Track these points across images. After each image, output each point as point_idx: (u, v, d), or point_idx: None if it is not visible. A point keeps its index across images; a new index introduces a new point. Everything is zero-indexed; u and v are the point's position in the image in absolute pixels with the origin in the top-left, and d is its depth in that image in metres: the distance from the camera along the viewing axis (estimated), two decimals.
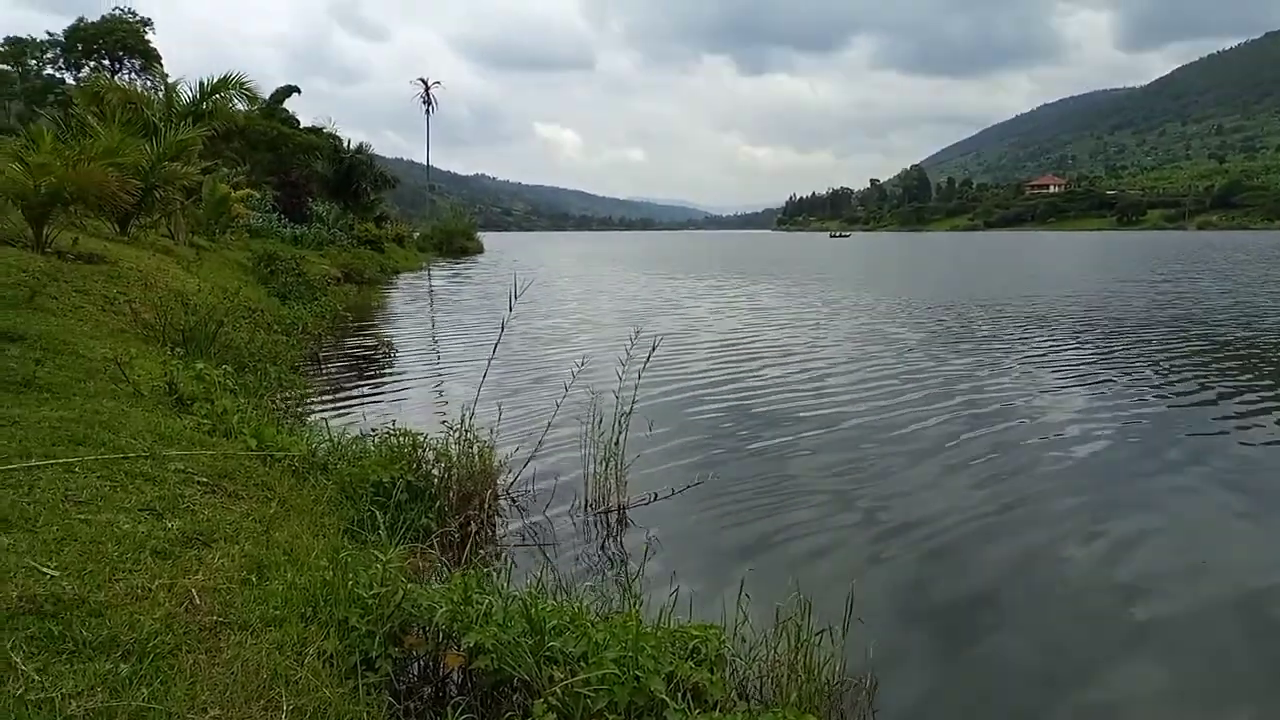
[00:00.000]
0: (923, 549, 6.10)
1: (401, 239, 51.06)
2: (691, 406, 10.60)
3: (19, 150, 12.48)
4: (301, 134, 46.05)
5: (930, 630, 4.98)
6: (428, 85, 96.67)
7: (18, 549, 3.41)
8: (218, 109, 20.41)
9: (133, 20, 50.74)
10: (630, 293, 30.28)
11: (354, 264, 32.71)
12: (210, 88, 20.41)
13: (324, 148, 46.54)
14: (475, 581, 3.91)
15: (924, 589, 5.50)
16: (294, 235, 33.47)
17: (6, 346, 6.97)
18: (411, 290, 31.92)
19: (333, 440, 6.59)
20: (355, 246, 37.70)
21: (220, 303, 11.69)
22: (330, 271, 27.51)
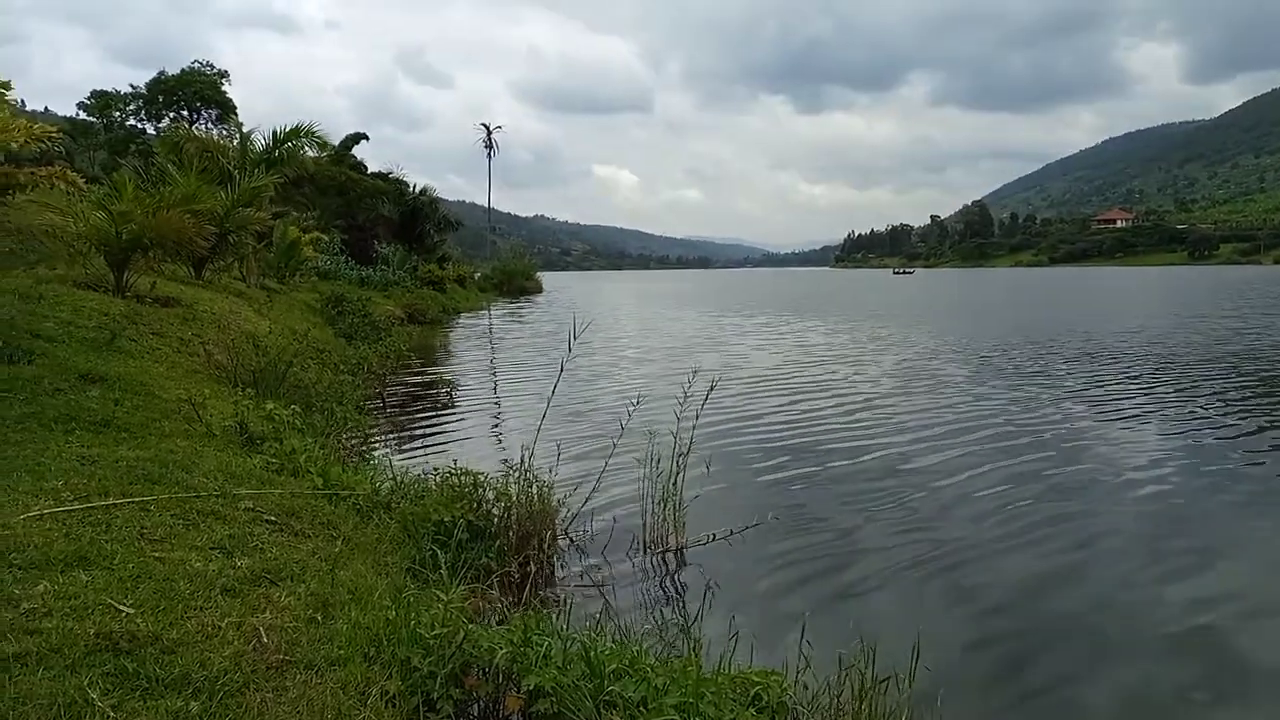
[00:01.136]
0: (990, 593, 5.95)
1: (463, 279, 52.02)
2: (748, 445, 10.53)
3: (103, 199, 13.07)
4: (369, 179, 47.38)
5: (1001, 678, 4.83)
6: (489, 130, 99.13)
7: (95, 586, 3.53)
8: (289, 156, 21.15)
9: (210, 73, 53.07)
10: (685, 331, 30.32)
11: (417, 305, 33.36)
12: (282, 136, 21.17)
13: (390, 192, 47.80)
14: (535, 623, 3.92)
15: (993, 635, 5.34)
16: (360, 277, 34.35)
17: (88, 387, 7.26)
18: (472, 330, 32.44)
19: (396, 479, 6.70)
20: (419, 287, 38.51)
21: (290, 344, 12.02)
22: (395, 312, 28.12)
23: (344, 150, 47.59)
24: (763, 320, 34.96)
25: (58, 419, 6.27)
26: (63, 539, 3.98)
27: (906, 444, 10.57)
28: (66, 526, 4.17)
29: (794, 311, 41.82)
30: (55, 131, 8.42)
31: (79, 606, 3.31)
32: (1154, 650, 5.15)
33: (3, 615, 3.16)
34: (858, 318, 36.23)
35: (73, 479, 4.91)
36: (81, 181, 8.53)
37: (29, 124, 7.87)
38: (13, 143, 7.53)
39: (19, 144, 7.63)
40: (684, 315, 39.70)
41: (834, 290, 74.78)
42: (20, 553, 3.74)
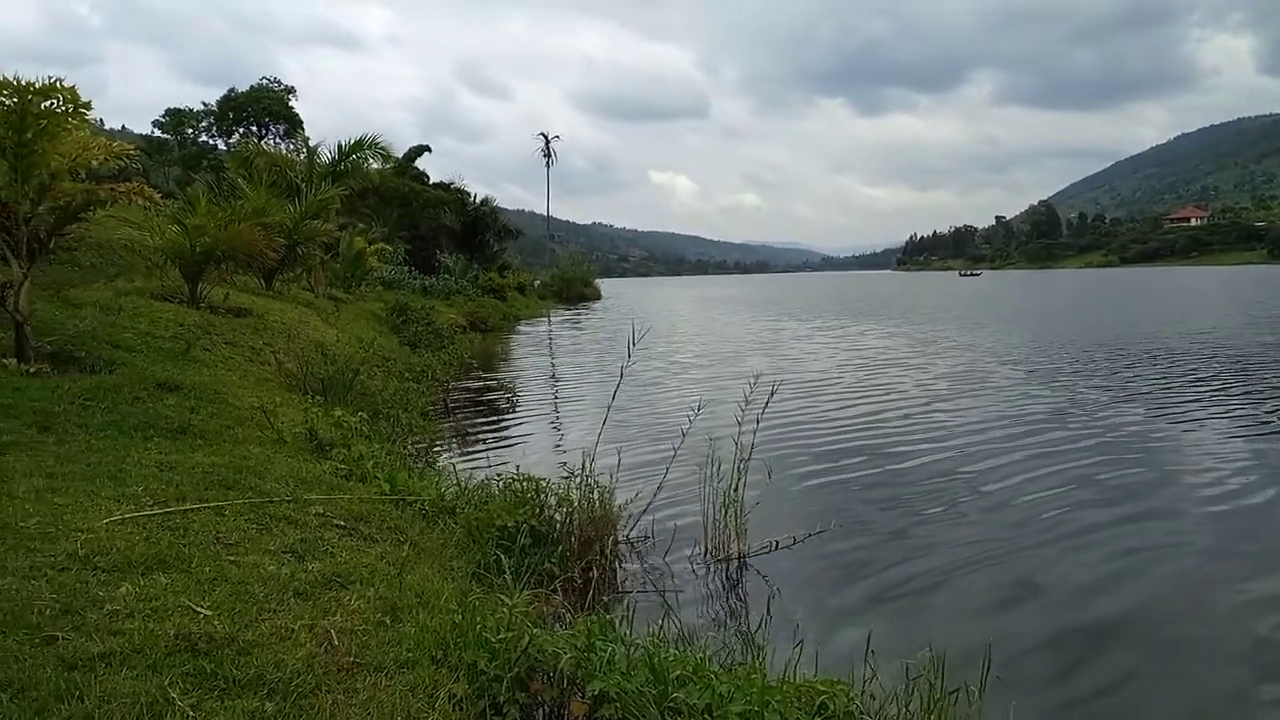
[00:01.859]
0: (1061, 600, 5.79)
1: (523, 287, 52.60)
2: (809, 451, 10.42)
3: (177, 213, 13.54)
4: (431, 190, 48.22)
5: (1076, 692, 4.69)
6: (548, 139, 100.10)
7: (174, 588, 3.65)
8: (354, 169, 21.66)
9: (278, 89, 54.59)
10: (742, 336, 30.17)
11: (479, 312, 33.82)
12: (348, 149, 21.69)
13: (451, 202, 48.59)
14: (598, 628, 3.93)
15: (1067, 644, 5.19)
16: (423, 286, 34.96)
17: (165, 396, 7.51)
18: (532, 337, 32.74)
19: (460, 485, 6.80)
20: (480, 295, 39.04)
21: (356, 352, 12.28)
22: (457, 320, 28.54)
23: (407, 162, 48.53)
24: (822, 324, 34.65)
25: (137, 426, 6.51)
26: (143, 543, 4.12)
27: (968, 448, 10.36)
28: (146, 531, 4.32)
29: (853, 315, 41.32)
30: (133, 149, 8.74)
31: (159, 608, 3.42)
32: (1234, 657, 4.95)
33: (89, 616, 3.28)
34: (921, 321, 35.63)
35: (152, 485, 5.09)
36: (158, 197, 8.83)
37: (108, 142, 8.17)
38: (94, 161, 7.84)
39: (99, 162, 7.94)
40: (742, 320, 39.56)
41: (896, 294, 73.68)
42: (104, 556, 3.89)
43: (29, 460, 5.34)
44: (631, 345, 7.28)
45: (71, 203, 7.71)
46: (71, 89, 7.22)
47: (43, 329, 8.20)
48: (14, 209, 7.41)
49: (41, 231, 7.72)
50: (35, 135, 7.22)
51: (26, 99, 7.09)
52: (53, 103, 7.22)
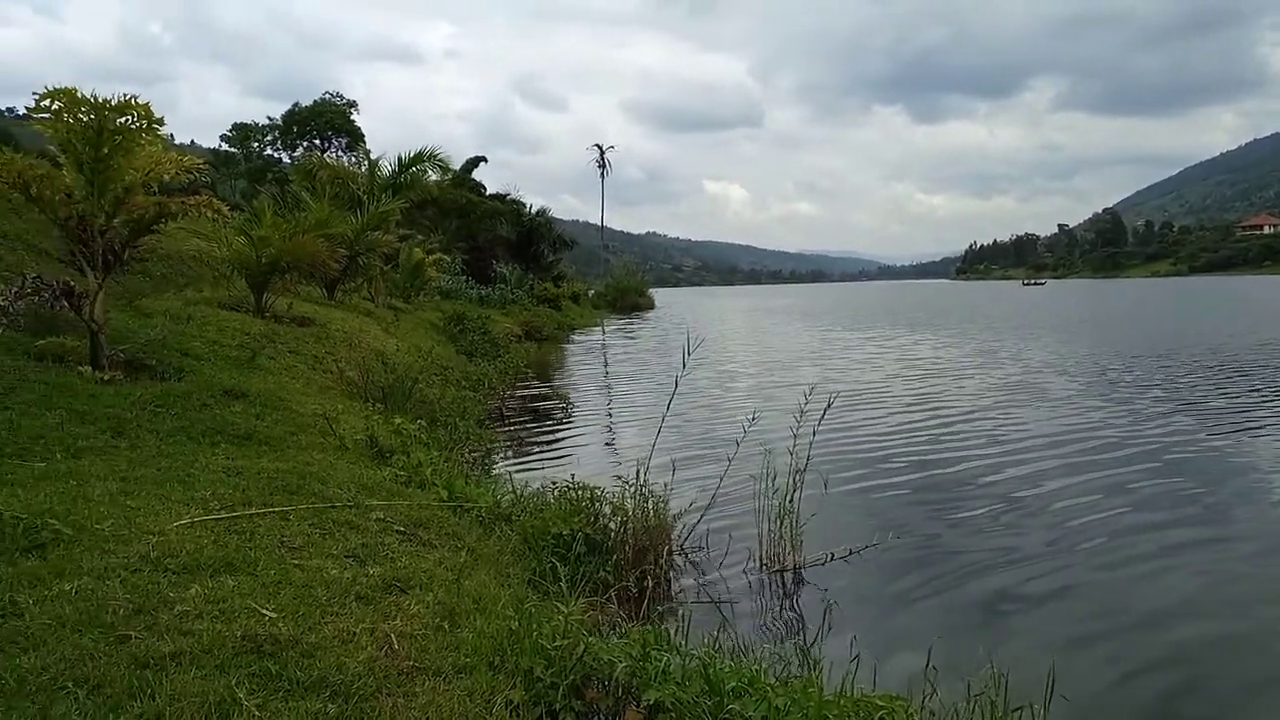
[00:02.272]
0: (1128, 618, 5.64)
1: (577, 297, 52.95)
2: (865, 462, 10.29)
3: (244, 225, 13.93)
4: (488, 201, 48.85)
5: (1144, 712, 4.54)
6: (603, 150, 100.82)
7: (241, 590, 3.74)
8: (414, 181, 22.07)
9: (340, 103, 55.94)
10: (796, 346, 29.93)
11: (534, 322, 34.11)
12: (408, 162, 22.11)
13: (508, 213, 49.17)
14: (653, 637, 3.93)
15: (1133, 663, 5.05)
16: (480, 296, 35.40)
17: (232, 403, 7.72)
18: (586, 346, 32.92)
19: (515, 492, 6.86)
20: (535, 305, 39.40)
21: (415, 361, 12.48)
22: (512, 329, 28.83)
23: (464, 173, 49.22)
24: (874, 334, 34.18)
25: (205, 432, 6.70)
26: (211, 546, 4.23)
27: (1031, 461, 10.14)
28: (214, 534, 4.43)
29: (907, 325, 40.70)
30: (202, 163, 9.01)
31: (226, 610, 3.51)
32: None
33: (160, 617, 3.38)
34: (977, 331, 34.96)
35: (219, 489, 5.23)
36: (226, 209, 9.10)
37: (179, 157, 8.44)
38: (165, 174, 8.10)
39: (171, 176, 8.21)
40: (793, 329, 39.27)
41: (953, 303, 72.40)
42: (174, 558, 4.00)
43: (103, 464, 5.53)
44: (686, 355, 7.27)
45: (144, 215, 7.98)
46: (145, 106, 7.49)
47: (116, 337, 8.48)
48: (90, 221, 7.70)
49: (116, 243, 8.00)
50: (111, 151, 7.49)
51: (103, 116, 7.36)
52: (128, 119, 7.48)
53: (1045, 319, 44.03)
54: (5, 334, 7.88)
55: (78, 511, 4.41)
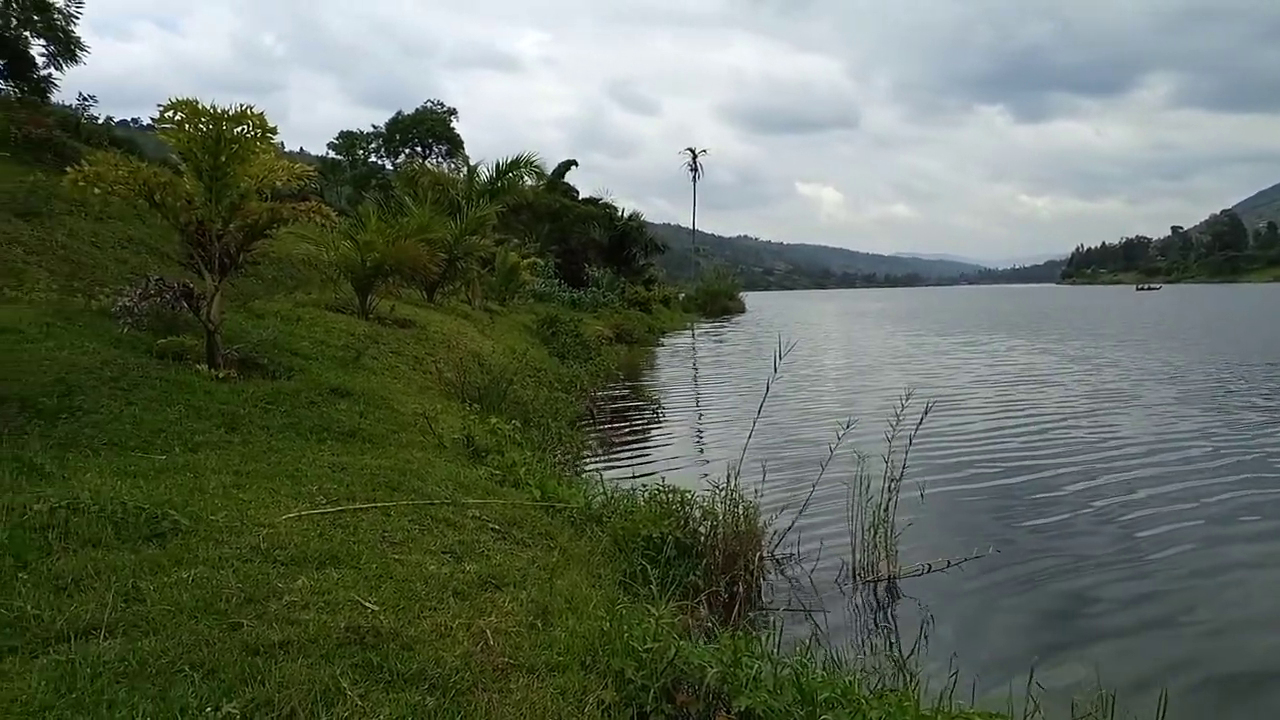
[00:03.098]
0: (1246, 640, 5.32)
1: (668, 300, 53.03)
2: (962, 471, 10.00)
3: (349, 230, 14.45)
4: (581, 205, 49.42)
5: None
6: (695, 154, 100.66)
7: (345, 583, 3.87)
8: (510, 186, 22.49)
9: (441, 111, 57.44)
10: (890, 351, 29.27)
11: (625, 325, 34.31)
12: (505, 167, 22.55)
13: (600, 217, 49.64)
14: (744, 644, 3.90)
15: (1253, 690, 4.76)
16: (572, 299, 35.83)
17: (337, 401, 8.01)
18: (676, 349, 32.93)
19: (606, 493, 6.91)
20: (626, 308, 39.63)
21: (510, 362, 12.71)
22: (603, 332, 29.06)
23: (556, 178, 49.91)
24: (971, 340, 33.15)
25: (312, 429, 6.97)
26: (317, 539, 4.39)
27: (1134, 471, 9.74)
28: (320, 527, 4.60)
29: (1005, 331, 39.33)
30: (312, 170, 9.38)
31: (331, 601, 3.64)
32: None
33: (269, 606, 3.53)
34: (1079, 337, 33.54)
35: (325, 484, 5.43)
36: (334, 215, 9.46)
37: (290, 164, 8.81)
38: (278, 181, 8.47)
39: (283, 182, 8.57)
40: (886, 334, 38.43)
41: (1056, 308, 69.68)
42: (282, 550, 4.17)
43: (218, 458, 5.81)
44: (778, 359, 7.20)
45: (258, 221, 8.36)
46: (260, 115, 7.84)
47: (231, 337, 8.90)
48: (208, 226, 8.10)
49: (232, 247, 8.40)
50: (228, 159, 7.87)
51: (221, 126, 7.75)
52: (243, 129, 7.85)
53: (1156, 325, 41.99)
54: (130, 333, 8.36)
55: (194, 503, 4.64)
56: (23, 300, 9.28)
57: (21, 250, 12.92)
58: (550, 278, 38.13)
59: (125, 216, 15.74)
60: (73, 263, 13.45)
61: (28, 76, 29.84)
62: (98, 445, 5.72)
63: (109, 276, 13.13)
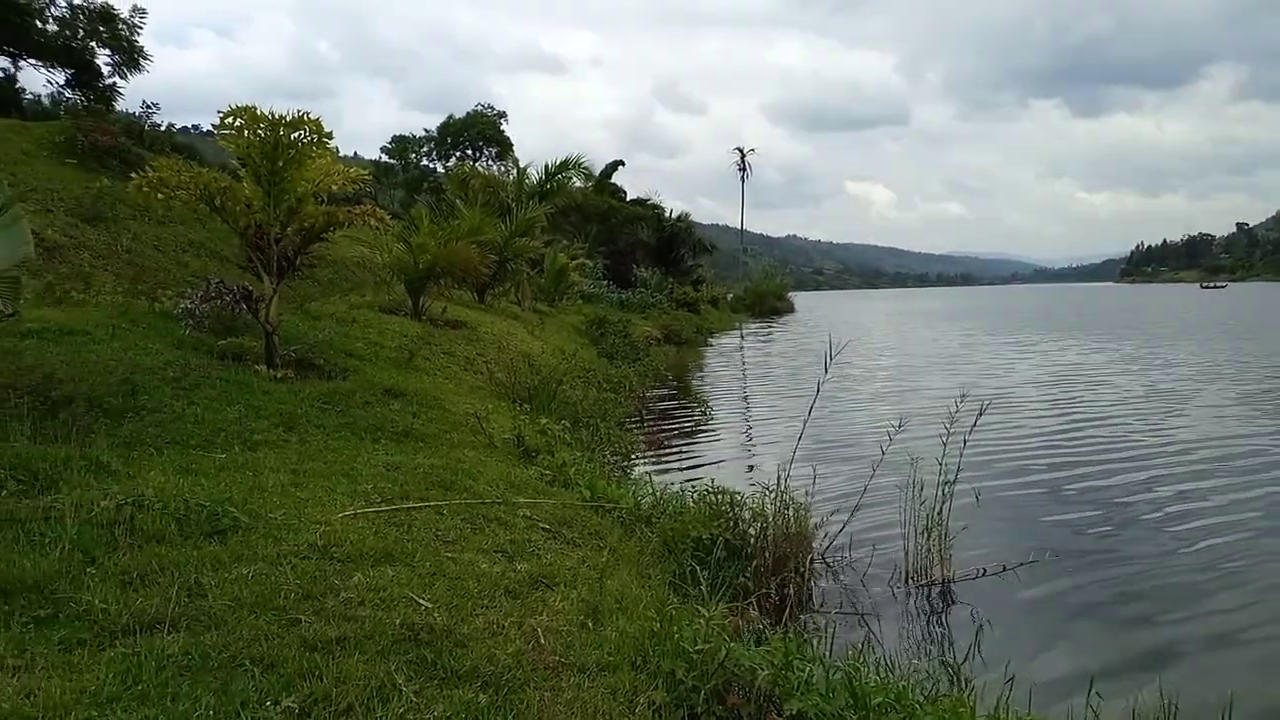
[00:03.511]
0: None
1: (716, 301, 52.88)
2: (1016, 474, 9.82)
3: (402, 232, 14.67)
4: (628, 206, 49.50)
5: None
6: (743, 153, 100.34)
7: (399, 580, 3.93)
8: (559, 187, 22.63)
9: (491, 114, 58.00)
10: (941, 352, 28.81)
11: (673, 325, 34.28)
12: (554, 169, 22.71)
13: (648, 218, 49.67)
14: (795, 646, 3.87)
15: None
16: (620, 300, 35.92)
17: (391, 401, 8.13)
18: (724, 350, 32.83)
19: (655, 494, 6.91)
20: (674, 309, 39.59)
21: (559, 363, 12.79)
22: (652, 333, 29.08)
23: (604, 178, 50.07)
24: (1024, 340, 32.47)
25: (367, 429, 7.09)
26: (372, 537, 4.47)
27: (1195, 475, 9.51)
28: (375, 526, 4.68)
29: (1059, 330, 38.44)
30: (366, 174, 9.54)
31: (386, 598, 3.70)
32: None
33: (326, 602, 3.60)
34: (1135, 336, 32.66)
35: (380, 483, 5.52)
36: (388, 218, 9.62)
37: (346, 169, 8.97)
38: (334, 185, 8.63)
39: (338, 186, 8.73)
40: (939, 335, 37.82)
41: (1112, 307, 67.95)
42: (339, 547, 4.24)
43: (276, 457, 5.94)
44: (828, 360, 7.14)
45: (315, 224, 8.52)
46: (316, 121, 8.00)
47: (288, 338, 9.09)
48: (267, 230, 8.29)
49: (289, 250, 8.58)
50: (285, 164, 8.04)
51: (279, 131, 7.92)
52: (300, 134, 8.02)
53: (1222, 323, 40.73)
54: (192, 334, 8.58)
55: (253, 500, 4.75)
56: (90, 303, 9.58)
57: (88, 254, 13.35)
58: (598, 279, 38.25)
59: (186, 221, 16.19)
60: (137, 266, 13.86)
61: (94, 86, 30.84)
62: (161, 444, 5.88)
63: (171, 279, 13.51)
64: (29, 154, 16.89)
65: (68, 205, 14.58)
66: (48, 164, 16.72)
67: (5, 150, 16.44)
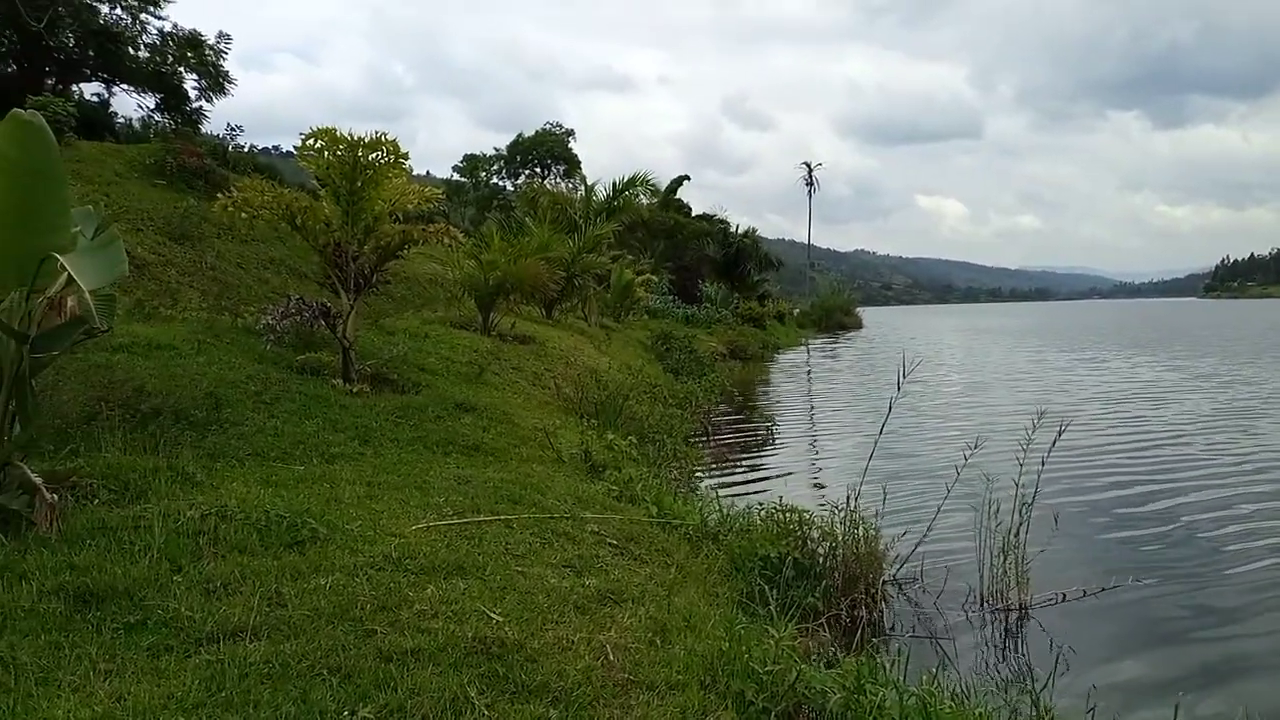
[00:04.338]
0: None
1: (782, 316, 52.50)
2: (1097, 495, 9.51)
3: (473, 249, 14.94)
4: (694, 222, 49.56)
5: None
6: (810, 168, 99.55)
7: (471, 593, 3.98)
8: (626, 204, 22.80)
9: (559, 132, 58.79)
10: (1017, 370, 28.05)
11: (738, 341, 34.13)
12: (621, 186, 22.89)
13: (714, 233, 49.68)
14: (867, 670, 3.81)
15: None
16: (686, 315, 35.93)
17: (462, 415, 8.26)
18: (790, 365, 32.53)
19: (722, 511, 6.86)
20: (739, 324, 39.44)
21: (625, 378, 12.84)
22: (717, 348, 29.01)
23: (669, 194, 50.23)
24: (1103, 359, 31.41)
25: (439, 442, 7.22)
26: (444, 549, 4.53)
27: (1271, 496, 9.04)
28: (447, 539, 4.75)
29: (1136, 347, 37.10)
30: (440, 193, 9.75)
31: (458, 611, 3.75)
32: None
33: (401, 614, 3.66)
34: (1216, 354, 31.34)
35: (451, 496, 5.61)
36: (461, 236, 9.81)
37: (421, 188, 9.20)
38: (409, 204, 8.85)
39: (414, 205, 8.95)
40: (1009, 351, 36.84)
41: (1193, 324, 65.36)
42: (412, 559, 4.32)
43: (352, 469, 6.08)
44: (901, 378, 7.01)
45: (391, 242, 8.75)
46: (393, 142, 8.23)
47: (364, 353, 9.32)
48: (345, 248, 8.53)
49: (366, 267, 8.81)
50: (364, 183, 8.28)
51: (357, 152, 8.16)
52: (378, 155, 8.25)
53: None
54: (273, 349, 8.85)
55: (330, 512, 4.87)
56: (177, 319, 9.95)
57: (175, 271, 13.90)
58: (664, 294, 38.34)
59: (267, 239, 16.76)
60: (221, 283, 14.39)
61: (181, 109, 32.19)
62: (243, 455, 6.07)
63: (252, 295, 13.98)
64: (121, 175, 17.69)
65: (157, 224, 15.23)
66: (139, 185, 17.50)
67: (100, 172, 17.25)
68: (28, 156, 4.06)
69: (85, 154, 17.91)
